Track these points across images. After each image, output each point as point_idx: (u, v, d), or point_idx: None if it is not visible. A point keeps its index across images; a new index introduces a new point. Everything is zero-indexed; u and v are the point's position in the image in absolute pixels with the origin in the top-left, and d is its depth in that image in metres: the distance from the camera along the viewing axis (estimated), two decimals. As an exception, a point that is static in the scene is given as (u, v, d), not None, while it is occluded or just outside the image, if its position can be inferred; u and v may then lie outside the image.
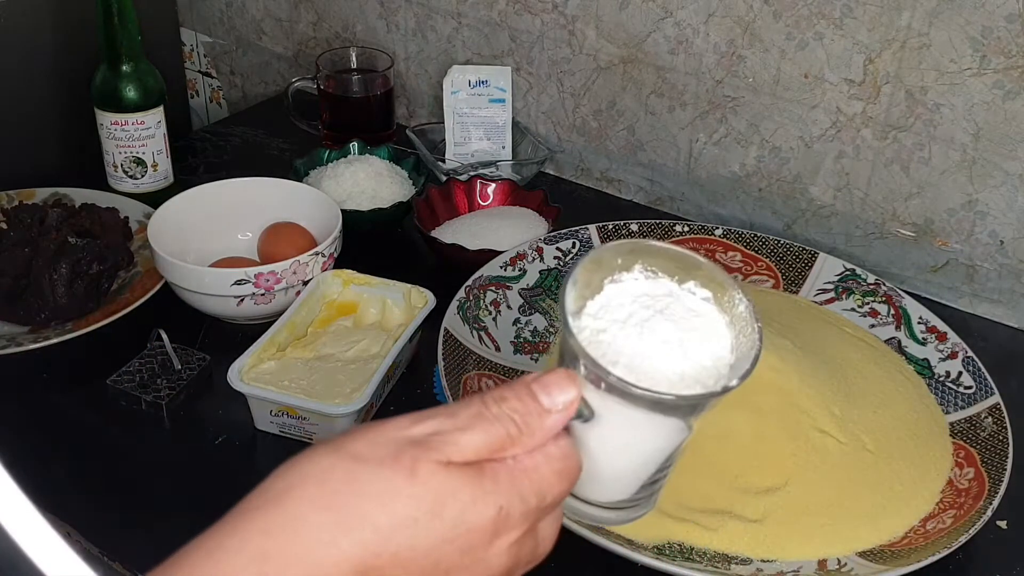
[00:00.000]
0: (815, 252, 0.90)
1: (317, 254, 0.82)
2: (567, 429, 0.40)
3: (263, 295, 0.80)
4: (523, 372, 0.78)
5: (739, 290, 0.42)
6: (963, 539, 0.61)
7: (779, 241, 0.92)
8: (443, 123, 1.09)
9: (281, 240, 0.88)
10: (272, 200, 0.92)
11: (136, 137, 0.96)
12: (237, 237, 0.92)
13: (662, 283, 0.42)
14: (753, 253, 0.92)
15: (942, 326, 0.82)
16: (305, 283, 0.82)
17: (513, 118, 1.09)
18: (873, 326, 0.84)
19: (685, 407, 0.41)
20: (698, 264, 0.43)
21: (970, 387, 0.76)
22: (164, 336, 0.79)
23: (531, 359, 0.80)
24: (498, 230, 0.92)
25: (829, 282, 0.88)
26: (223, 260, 0.87)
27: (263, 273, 0.79)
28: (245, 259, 0.88)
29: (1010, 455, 0.68)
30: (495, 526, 0.37)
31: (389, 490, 0.35)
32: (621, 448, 0.42)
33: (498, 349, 0.79)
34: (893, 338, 0.83)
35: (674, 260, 0.43)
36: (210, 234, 0.90)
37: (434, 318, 0.78)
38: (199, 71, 1.46)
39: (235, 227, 0.92)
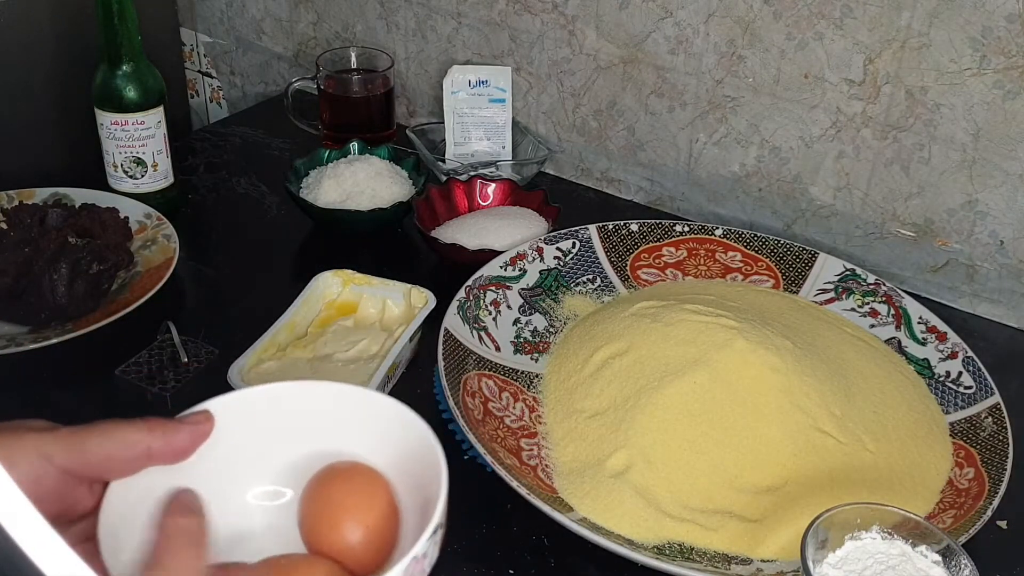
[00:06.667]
0: (815, 252, 0.90)
1: (436, 531, 0.41)
2: None
3: None
4: (523, 372, 0.78)
5: (966, 556, 0.50)
6: (963, 539, 0.61)
7: (779, 241, 0.92)
8: (443, 123, 1.09)
9: (339, 505, 0.45)
10: (304, 423, 0.48)
11: (136, 137, 0.96)
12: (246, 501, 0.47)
13: (896, 544, 0.52)
14: (753, 253, 0.92)
15: (942, 326, 0.81)
16: None
17: (513, 118, 1.09)
18: (873, 326, 0.84)
19: None
20: (931, 530, 0.52)
21: (970, 387, 0.76)
22: (173, 328, 0.79)
23: (531, 359, 0.80)
24: (498, 230, 0.92)
25: (829, 282, 0.88)
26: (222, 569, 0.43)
27: None
28: (291, 558, 0.44)
29: (1010, 455, 0.68)
30: None
31: None
32: None
33: (498, 349, 0.79)
34: (893, 338, 0.83)
35: (909, 524, 0.52)
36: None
37: (434, 318, 0.78)
38: (199, 71, 1.46)
39: (238, 484, 0.47)
